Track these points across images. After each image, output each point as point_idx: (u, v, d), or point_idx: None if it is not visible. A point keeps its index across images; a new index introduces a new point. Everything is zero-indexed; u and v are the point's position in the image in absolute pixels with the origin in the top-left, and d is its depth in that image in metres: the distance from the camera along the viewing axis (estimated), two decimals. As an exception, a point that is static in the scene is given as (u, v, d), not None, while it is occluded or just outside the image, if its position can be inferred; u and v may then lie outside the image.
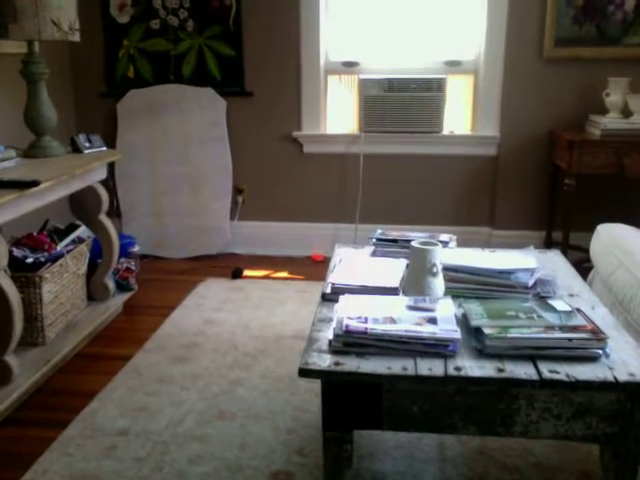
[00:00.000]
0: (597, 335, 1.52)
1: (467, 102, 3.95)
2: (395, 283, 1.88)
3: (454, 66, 3.88)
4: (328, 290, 1.89)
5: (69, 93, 4.13)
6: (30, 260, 2.69)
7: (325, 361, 1.51)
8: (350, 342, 1.55)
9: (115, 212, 4.00)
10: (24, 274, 2.62)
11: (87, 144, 3.02)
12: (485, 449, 2.07)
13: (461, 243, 2.33)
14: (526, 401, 1.47)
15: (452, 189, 4.01)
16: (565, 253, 3.15)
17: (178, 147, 4.05)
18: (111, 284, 3.23)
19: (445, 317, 1.62)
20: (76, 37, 2.83)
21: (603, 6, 3.59)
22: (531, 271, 1.89)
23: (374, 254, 2.25)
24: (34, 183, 2.35)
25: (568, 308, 1.68)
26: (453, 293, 1.84)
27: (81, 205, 3.07)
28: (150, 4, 3.94)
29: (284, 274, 3.82)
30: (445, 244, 2.18)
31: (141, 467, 2.01)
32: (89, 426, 2.24)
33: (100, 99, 4.13)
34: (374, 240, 2.29)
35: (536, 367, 1.46)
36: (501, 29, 3.72)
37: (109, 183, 3.64)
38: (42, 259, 2.72)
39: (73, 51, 4.06)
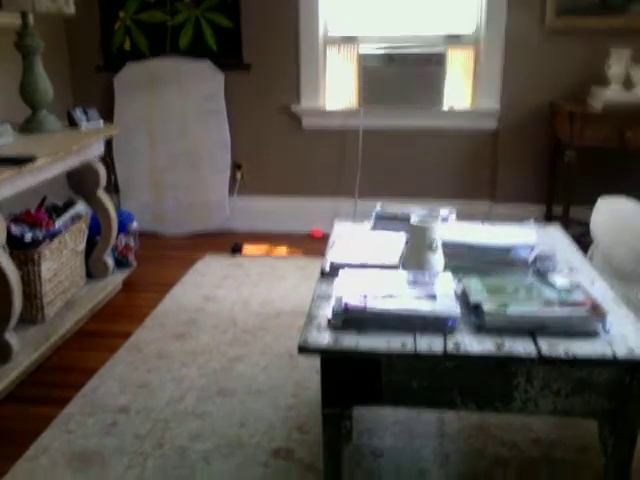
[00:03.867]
0: (596, 310, 1.52)
1: (467, 75, 3.91)
2: (394, 260, 1.86)
3: (454, 39, 3.83)
4: (327, 268, 1.88)
5: (65, 67, 4.08)
6: (28, 237, 2.67)
7: (324, 338, 1.50)
8: (349, 319, 1.54)
9: (113, 188, 3.97)
10: (22, 251, 2.61)
11: (84, 118, 2.99)
12: (484, 425, 2.07)
13: (461, 217, 2.31)
14: (525, 377, 1.47)
15: (452, 163, 3.98)
16: (565, 227, 3.12)
17: (176, 121, 4.01)
18: (110, 261, 3.23)
19: (444, 293, 1.61)
20: (71, 9, 2.79)
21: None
22: (531, 247, 1.88)
23: (374, 229, 2.23)
24: (30, 159, 2.33)
25: (567, 283, 1.67)
26: (453, 269, 1.83)
27: (79, 181, 3.05)
28: (145, -24, 3.89)
29: (283, 250, 3.81)
30: (445, 218, 2.17)
31: (142, 444, 2.02)
32: (89, 403, 2.25)
33: (96, 72, 4.09)
34: (373, 216, 2.27)
35: (535, 343, 1.46)
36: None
37: (107, 158, 3.61)
38: (40, 236, 2.71)
39: (68, 24, 4.01)
